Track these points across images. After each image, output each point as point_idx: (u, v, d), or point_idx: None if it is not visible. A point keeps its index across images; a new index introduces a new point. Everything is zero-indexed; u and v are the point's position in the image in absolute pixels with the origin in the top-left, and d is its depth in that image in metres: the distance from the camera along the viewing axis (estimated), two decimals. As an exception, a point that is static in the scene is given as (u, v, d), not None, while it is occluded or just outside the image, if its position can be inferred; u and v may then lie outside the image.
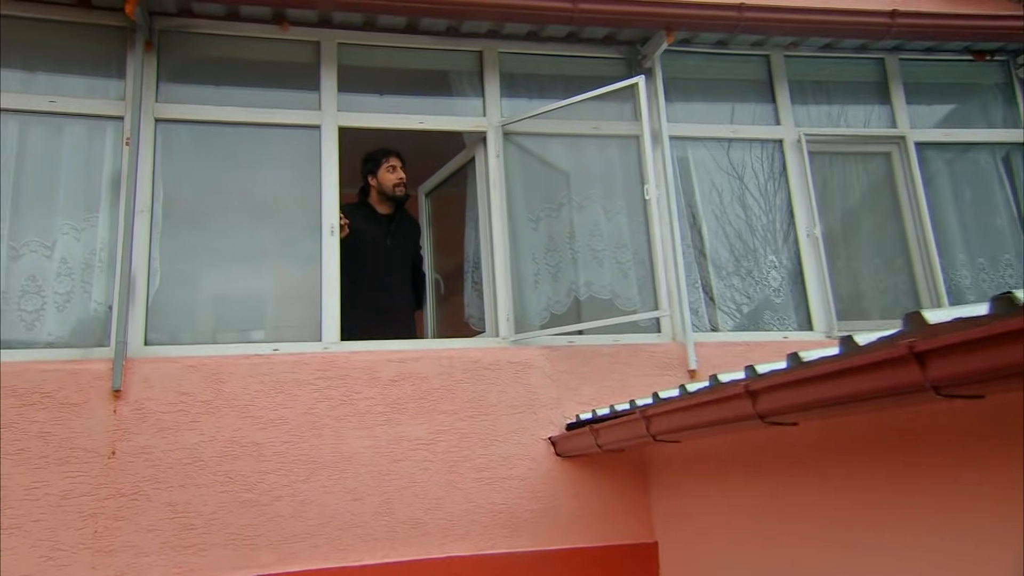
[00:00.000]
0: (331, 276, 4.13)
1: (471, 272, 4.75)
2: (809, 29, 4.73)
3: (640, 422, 2.93)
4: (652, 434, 2.88)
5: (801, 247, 4.77)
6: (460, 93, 4.71)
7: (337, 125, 4.36)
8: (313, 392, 3.87)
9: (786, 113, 5.04)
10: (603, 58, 4.90)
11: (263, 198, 4.29)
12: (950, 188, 5.14)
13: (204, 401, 3.75)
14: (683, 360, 4.30)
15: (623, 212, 4.64)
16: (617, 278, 4.52)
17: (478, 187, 4.64)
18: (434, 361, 4.05)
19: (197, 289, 4.12)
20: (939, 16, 4.75)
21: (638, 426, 2.95)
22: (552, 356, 4.20)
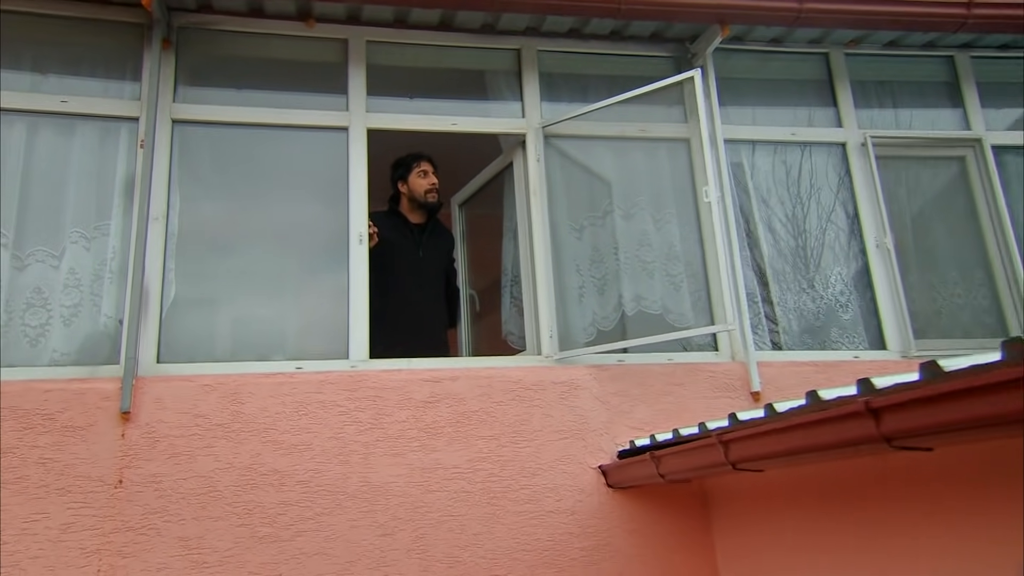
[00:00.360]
0: (359, 288, 3.79)
1: (509, 287, 4.39)
2: (875, 22, 4.36)
3: (716, 448, 2.54)
4: (731, 461, 2.49)
5: (870, 258, 4.36)
6: (496, 94, 4.38)
7: (366, 127, 4.04)
8: (340, 414, 3.51)
9: (849, 115, 4.66)
10: (649, 56, 4.57)
11: (286, 205, 3.98)
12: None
13: (221, 424, 3.41)
14: (745, 381, 3.90)
15: (673, 221, 4.27)
16: (668, 292, 4.15)
17: (516, 194, 4.30)
18: (472, 381, 3.69)
19: (214, 302, 3.79)
20: (1021, 6, 4.36)
21: (713, 452, 2.56)
22: (600, 376, 3.81)
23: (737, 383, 3.89)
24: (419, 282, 4.21)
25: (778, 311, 4.27)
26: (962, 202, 4.66)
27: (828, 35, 4.67)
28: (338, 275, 3.84)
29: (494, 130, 4.28)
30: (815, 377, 3.93)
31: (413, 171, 4.33)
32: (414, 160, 4.34)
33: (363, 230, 3.87)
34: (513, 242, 4.41)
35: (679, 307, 4.12)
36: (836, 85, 4.72)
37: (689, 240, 4.27)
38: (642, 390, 3.81)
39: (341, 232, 3.89)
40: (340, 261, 3.85)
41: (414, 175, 4.34)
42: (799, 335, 4.28)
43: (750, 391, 3.87)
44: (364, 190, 3.94)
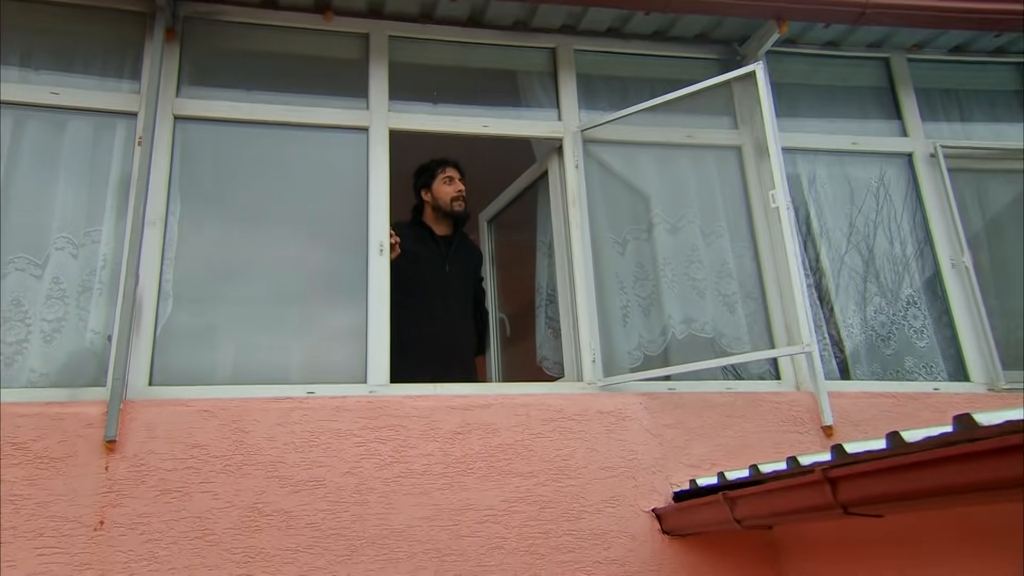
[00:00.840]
0: (379, 304, 3.37)
1: (544, 307, 3.96)
2: (945, 20, 3.97)
3: (820, 487, 2.08)
4: (842, 503, 2.03)
5: (945, 279, 3.93)
6: (530, 96, 4.00)
7: (388, 127, 3.65)
8: (356, 446, 3.06)
9: (914, 124, 4.26)
10: (694, 59, 4.20)
11: (299, 210, 3.56)
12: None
13: (220, 456, 2.96)
14: (814, 413, 3.44)
15: (725, 235, 3.86)
16: (721, 313, 3.71)
17: (552, 205, 3.89)
18: (507, 410, 3.24)
19: (216, 318, 3.36)
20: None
21: (816, 492, 2.10)
22: (651, 406, 3.36)
23: (805, 416, 3.43)
24: (446, 299, 3.78)
25: (844, 335, 3.83)
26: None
27: (889, 38, 4.30)
28: (356, 289, 3.41)
29: (529, 133, 3.88)
30: (895, 410, 3.48)
31: (437, 177, 3.94)
32: (438, 166, 3.95)
33: (384, 239, 3.46)
34: (548, 258, 3.99)
35: (734, 330, 3.69)
36: (899, 92, 4.33)
37: (743, 256, 3.85)
38: (699, 422, 3.36)
39: (359, 241, 3.48)
40: (358, 274, 3.43)
41: (438, 182, 3.94)
42: (868, 363, 3.83)
43: (821, 425, 3.40)
44: (385, 196, 3.54)
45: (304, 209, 3.56)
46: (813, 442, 3.36)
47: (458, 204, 3.93)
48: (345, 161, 3.63)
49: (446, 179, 3.93)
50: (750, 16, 3.85)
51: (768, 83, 3.56)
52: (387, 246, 3.46)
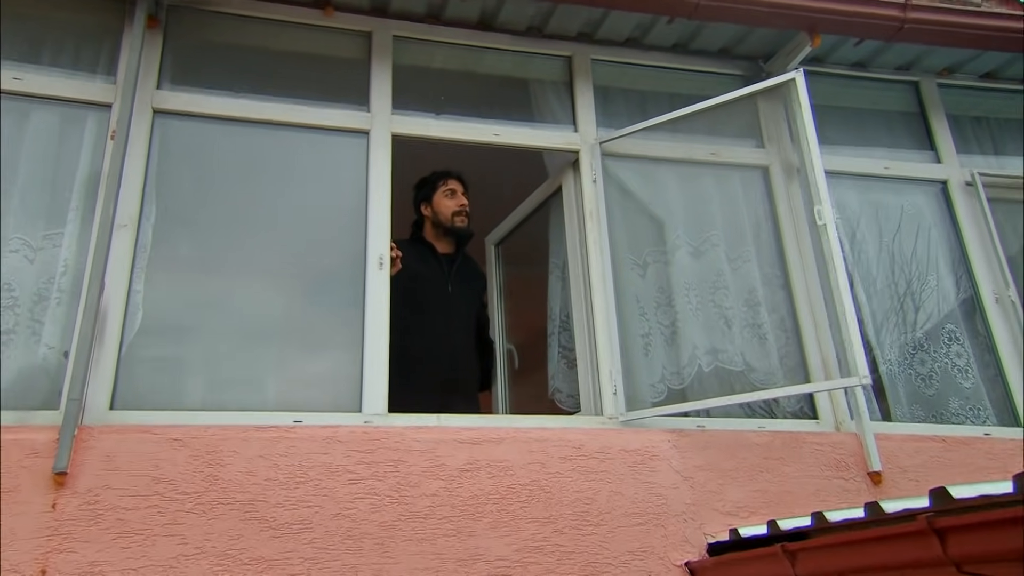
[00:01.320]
0: (377, 324, 2.99)
1: (557, 334, 3.59)
2: (985, 39, 3.75)
3: (924, 539, 1.72)
4: (955, 559, 1.67)
5: (988, 315, 3.64)
6: (543, 107, 3.69)
7: (390, 132, 3.32)
8: (350, 484, 2.65)
9: (948, 150, 4.02)
10: (716, 74, 3.94)
11: (290, 218, 3.20)
12: None
13: (191, 493, 2.54)
14: (859, 457, 3.10)
15: (752, 260, 3.55)
16: (750, 344, 3.38)
17: (567, 223, 3.56)
18: (520, 445, 2.86)
19: (192, 334, 2.97)
20: None
21: (918, 545, 1.74)
22: (680, 444, 3.00)
23: (850, 460, 3.08)
24: (448, 321, 3.40)
25: (882, 372, 3.50)
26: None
27: (919, 60, 4.08)
28: (351, 307, 3.04)
29: (543, 144, 3.56)
30: (945, 456, 3.15)
31: (438, 190, 3.60)
32: (439, 178, 3.62)
33: (384, 252, 3.10)
34: (561, 281, 3.64)
35: (765, 363, 3.35)
36: (931, 117, 4.09)
37: (772, 284, 3.54)
38: (733, 464, 2.99)
39: (357, 254, 3.11)
40: (354, 289, 3.06)
41: (439, 195, 3.60)
42: (908, 404, 3.50)
43: (867, 470, 3.06)
44: (386, 206, 3.19)
45: (296, 217, 3.20)
46: (859, 489, 3.01)
47: (460, 220, 3.58)
48: (343, 167, 3.29)
49: (447, 192, 3.60)
50: (781, 26, 3.60)
51: (808, 90, 3.27)
52: (387, 260, 3.10)
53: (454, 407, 3.06)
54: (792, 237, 3.57)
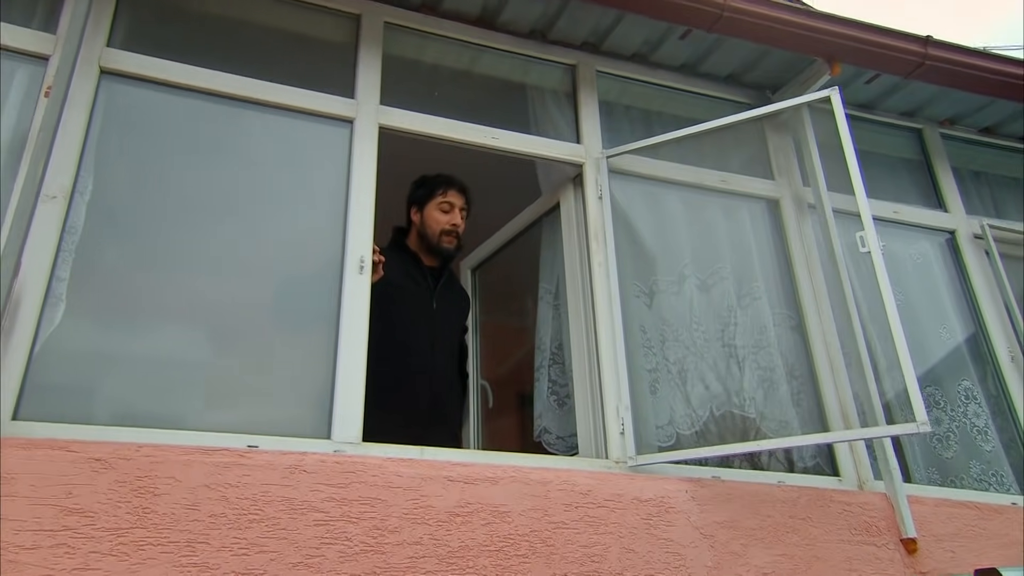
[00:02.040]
0: (354, 337, 2.53)
1: (547, 368, 3.17)
2: (1000, 85, 3.61)
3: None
4: None
5: (1004, 375, 3.40)
6: (542, 116, 3.35)
7: (378, 123, 2.91)
8: (316, 525, 2.15)
9: (954, 201, 3.85)
10: (723, 100, 3.69)
11: (255, 209, 2.72)
12: None
13: (113, 530, 1.99)
14: (890, 521, 2.75)
15: (762, 298, 3.23)
16: (761, 388, 3.04)
17: (566, 244, 3.19)
18: (520, 488, 2.40)
19: (126, 335, 2.43)
20: None
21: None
22: (699, 495, 2.60)
23: (881, 523, 2.73)
24: (432, 341, 2.94)
25: (896, 431, 3.19)
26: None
27: (924, 108, 3.94)
28: (323, 315, 2.57)
29: (546, 153, 3.20)
30: (979, 525, 2.84)
31: (435, 199, 3.13)
32: (440, 186, 3.14)
33: (365, 255, 2.65)
34: (553, 309, 3.24)
35: (777, 409, 3.02)
36: (935, 166, 3.93)
37: (784, 324, 3.23)
38: (757, 522, 2.60)
39: (332, 255, 2.66)
40: (328, 295, 2.60)
41: (434, 205, 3.13)
42: (924, 466, 3.20)
43: (901, 537, 2.71)
44: (370, 203, 2.76)
45: (262, 208, 2.72)
46: (893, 558, 2.66)
47: (448, 240, 3.12)
48: (322, 157, 2.85)
49: (444, 205, 3.12)
50: (801, 49, 3.37)
51: (844, 108, 3.02)
52: (369, 264, 2.65)
53: (434, 442, 2.59)
54: (805, 275, 3.29)
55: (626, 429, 2.70)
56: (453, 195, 3.11)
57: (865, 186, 2.86)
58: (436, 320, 2.97)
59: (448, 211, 3.11)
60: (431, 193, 3.10)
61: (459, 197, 3.13)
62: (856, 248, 3.38)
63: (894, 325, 2.59)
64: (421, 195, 3.12)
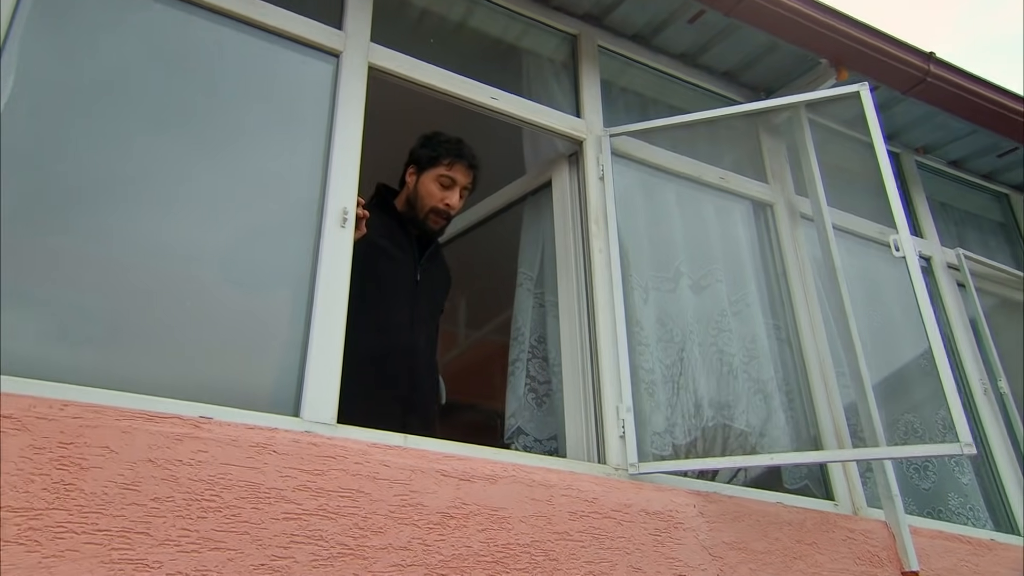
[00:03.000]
0: (332, 300, 2.12)
1: (525, 362, 2.81)
2: (991, 115, 3.57)
3: None
4: None
5: (979, 408, 3.31)
6: (538, 85, 3.06)
7: (368, 60, 2.52)
8: (285, 518, 1.73)
9: (929, 227, 3.79)
10: (717, 95, 3.49)
11: (220, 138, 2.27)
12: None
13: (23, 509, 1.52)
14: (892, 552, 2.56)
15: (754, 305, 3.03)
16: (753, 400, 2.82)
17: (558, 227, 2.87)
18: (522, 489, 2.06)
19: (52, 265, 1.93)
20: None
21: None
22: (707, 511, 2.32)
23: (883, 553, 2.53)
24: (414, 318, 2.53)
25: (876, 459, 3.03)
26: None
27: (902, 133, 3.88)
28: (297, 271, 2.16)
29: (547, 123, 2.88)
30: (973, 561, 2.70)
31: (437, 168, 2.67)
32: (447, 155, 2.66)
33: (349, 206, 2.26)
34: (534, 298, 2.91)
35: (770, 425, 2.79)
36: (911, 192, 3.86)
37: (775, 335, 3.03)
38: (765, 545, 2.34)
39: (309, 204, 2.25)
40: (303, 249, 2.19)
41: (433, 175, 2.67)
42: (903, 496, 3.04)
43: (903, 569, 2.52)
44: (356, 147, 2.36)
45: (231, 140, 2.28)
46: (897, 589, 2.46)
47: (435, 220, 2.68)
48: (303, 91, 2.44)
49: (445, 179, 2.67)
50: (811, 45, 3.20)
51: (875, 106, 2.86)
52: (352, 217, 2.25)
53: (412, 431, 2.20)
54: (799, 286, 3.10)
55: (627, 433, 2.39)
56: (459, 170, 2.68)
57: (900, 190, 2.69)
58: (418, 295, 2.57)
59: (448, 187, 2.67)
60: (435, 159, 2.67)
61: (465, 174, 2.69)
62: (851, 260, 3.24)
63: (935, 340, 2.40)
64: (424, 157, 2.68)
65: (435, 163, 2.68)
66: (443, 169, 2.67)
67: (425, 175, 2.69)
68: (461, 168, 2.68)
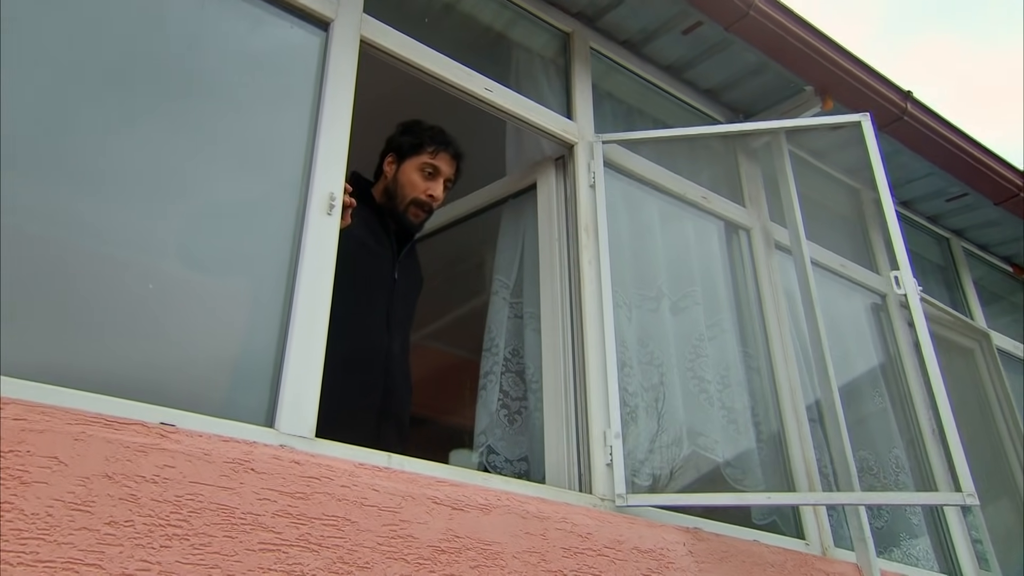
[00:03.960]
0: (316, 296, 1.88)
1: (499, 376, 2.60)
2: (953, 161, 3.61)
3: None
4: None
5: (928, 447, 3.31)
6: (527, 82, 2.87)
7: (360, 33, 2.28)
8: (262, 549, 1.48)
9: (884, 264, 3.80)
10: (697, 112, 3.40)
11: (196, 110, 1.98)
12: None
13: (-48, 530, 1.23)
14: (863, 594, 2.49)
15: (730, 331, 2.94)
16: (727, 431, 2.72)
17: (541, 234, 2.69)
18: (515, 521, 1.86)
19: None
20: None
21: None
22: (696, 550, 2.18)
23: (856, 595, 2.46)
24: (390, 322, 2.29)
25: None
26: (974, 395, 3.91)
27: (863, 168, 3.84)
28: (274, 262, 1.90)
29: (539, 122, 2.69)
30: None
31: (420, 156, 2.45)
32: (430, 142, 2.46)
33: (336, 191, 2.01)
34: (510, 308, 2.72)
35: (744, 459, 2.70)
36: (869, 228, 3.87)
37: (749, 365, 2.95)
38: (750, 585, 2.23)
39: (291, 186, 1.99)
40: (282, 237, 1.93)
41: (414, 164, 2.46)
42: (857, 533, 3.01)
43: (876, 616, 2.46)
44: (346, 128, 2.12)
45: (205, 109, 1.99)
46: (871, 636, 2.39)
47: (416, 213, 2.46)
48: (289, 60, 2.17)
49: (427, 168, 2.45)
50: (800, 69, 3.14)
51: (876, 137, 2.80)
52: (339, 204, 2.01)
53: (387, 443, 1.98)
54: (773, 315, 3.02)
55: (615, 461, 2.23)
56: (443, 159, 2.47)
57: (902, 228, 2.63)
58: (396, 295, 2.33)
59: (430, 178, 2.45)
60: (418, 147, 2.45)
61: (449, 164, 2.48)
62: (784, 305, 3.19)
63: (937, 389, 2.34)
64: (406, 144, 2.46)
65: (418, 151, 2.46)
66: (427, 157, 2.45)
67: (407, 164, 2.46)
68: (445, 157, 2.48)
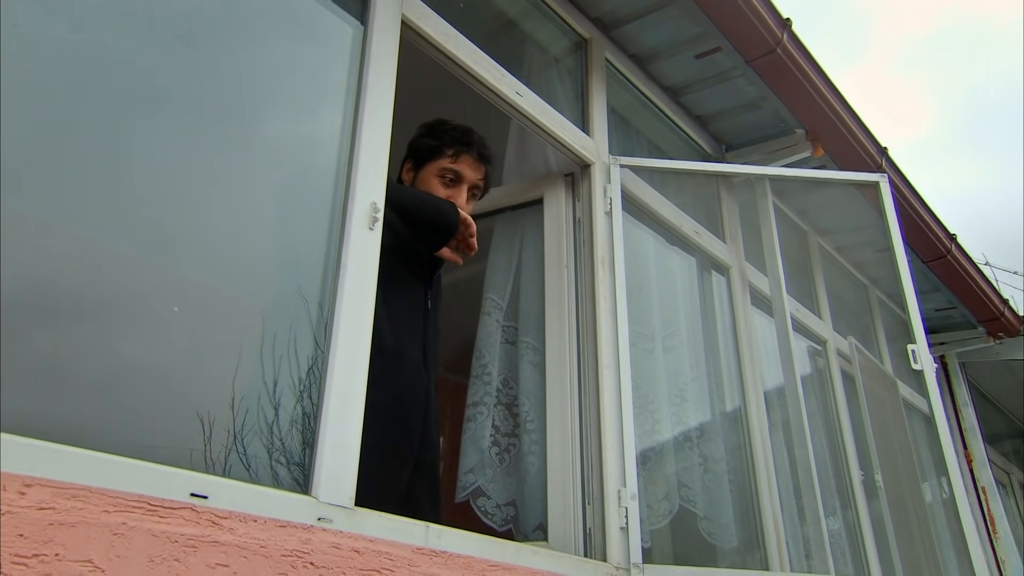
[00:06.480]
0: (357, 327, 1.57)
1: (491, 407, 2.36)
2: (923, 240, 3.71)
3: None
4: None
5: (856, 496, 3.40)
6: (542, 85, 2.61)
7: (401, 16, 1.95)
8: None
9: (825, 310, 3.85)
10: (684, 136, 3.27)
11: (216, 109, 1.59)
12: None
13: None
14: (834, 660, 2.48)
15: (708, 377, 2.85)
16: (706, 485, 2.64)
17: (547, 257, 2.46)
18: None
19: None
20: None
21: None
22: (704, 626, 2.06)
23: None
24: (426, 356, 1.95)
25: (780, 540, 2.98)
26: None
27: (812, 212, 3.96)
28: (308, 286, 1.57)
29: (560, 135, 2.44)
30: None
31: (439, 160, 2.11)
32: (455, 143, 2.11)
33: (379, 202, 1.70)
34: (503, 332, 2.47)
35: (720, 512, 2.62)
36: (815, 273, 3.92)
37: (725, 415, 2.86)
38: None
39: (325, 198, 1.66)
40: (317, 257, 1.60)
41: (435, 169, 2.11)
42: None
43: None
44: (387, 124, 1.79)
45: (227, 117, 1.61)
46: None
47: None
48: (318, 54, 1.81)
49: (448, 174, 2.10)
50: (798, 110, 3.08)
51: (894, 200, 2.76)
52: (382, 218, 1.70)
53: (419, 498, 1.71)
54: (749, 366, 2.96)
55: (630, 525, 2.06)
56: (466, 163, 2.12)
57: (918, 296, 2.59)
58: (428, 326, 2.00)
59: (452, 185, 2.11)
60: (437, 150, 2.11)
61: (474, 169, 2.14)
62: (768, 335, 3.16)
63: (953, 469, 2.32)
64: (424, 148, 2.13)
65: (437, 155, 2.14)
66: (446, 162, 2.12)
67: (424, 170, 2.14)
68: (468, 160, 2.14)
